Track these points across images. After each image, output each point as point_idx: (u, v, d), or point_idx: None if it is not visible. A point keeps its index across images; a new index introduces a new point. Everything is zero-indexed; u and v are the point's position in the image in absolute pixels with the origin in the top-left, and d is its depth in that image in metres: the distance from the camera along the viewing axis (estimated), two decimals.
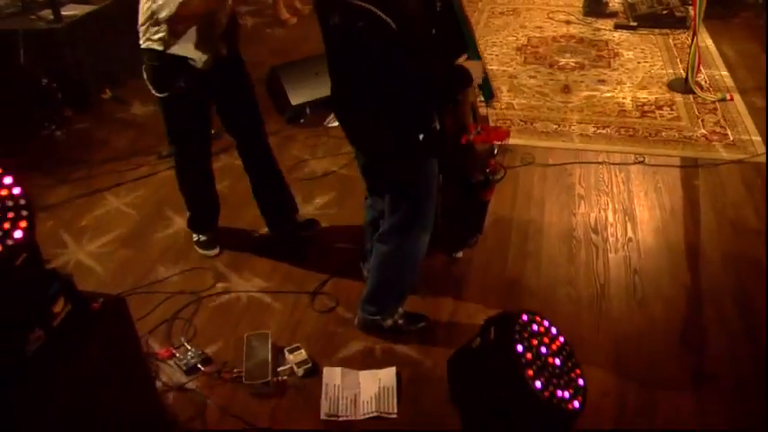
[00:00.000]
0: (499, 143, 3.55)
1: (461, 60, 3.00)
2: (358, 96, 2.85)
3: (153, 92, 3.57)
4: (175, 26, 3.30)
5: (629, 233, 4.02)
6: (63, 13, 5.84)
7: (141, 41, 3.44)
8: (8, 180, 2.22)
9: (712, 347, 3.25)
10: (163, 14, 3.24)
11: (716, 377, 3.09)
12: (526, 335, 2.35)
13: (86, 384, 2.46)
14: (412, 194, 3.04)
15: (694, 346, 3.25)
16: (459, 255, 3.88)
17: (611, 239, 3.99)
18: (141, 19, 3.41)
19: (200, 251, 4.06)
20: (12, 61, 5.39)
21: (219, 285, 3.79)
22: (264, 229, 4.18)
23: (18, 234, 2.17)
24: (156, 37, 3.36)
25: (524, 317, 2.41)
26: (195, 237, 4.10)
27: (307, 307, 3.60)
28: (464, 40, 3.09)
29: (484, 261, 3.86)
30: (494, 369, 2.32)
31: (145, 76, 3.56)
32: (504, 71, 6.17)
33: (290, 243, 4.08)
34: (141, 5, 3.38)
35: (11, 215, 2.18)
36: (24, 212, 2.22)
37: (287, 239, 4.11)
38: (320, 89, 5.30)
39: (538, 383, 2.28)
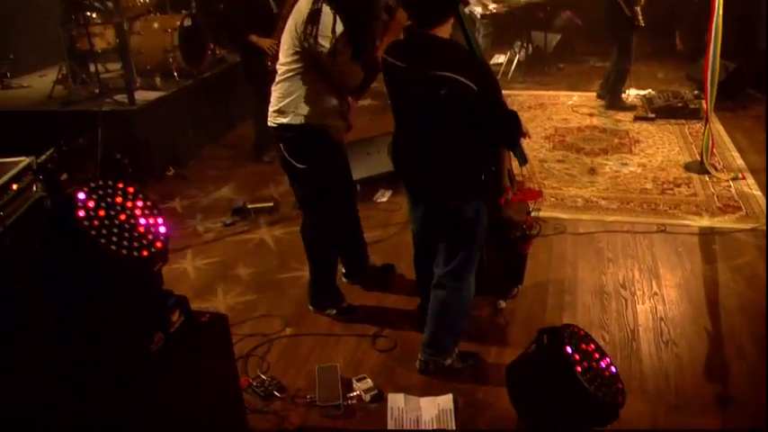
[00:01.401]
0: (533, 202, 4.09)
1: None
2: (435, 151, 3.36)
3: (293, 164, 3.97)
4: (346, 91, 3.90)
5: (654, 288, 4.47)
6: (136, 97, 6.55)
7: (285, 119, 3.88)
8: (149, 202, 2.75)
9: (734, 377, 3.65)
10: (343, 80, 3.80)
11: (738, 399, 3.49)
12: (574, 340, 2.80)
13: (192, 386, 2.89)
14: (468, 239, 3.52)
15: (717, 376, 3.66)
16: (503, 305, 4.32)
17: (638, 293, 4.43)
18: (287, 99, 3.86)
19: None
20: (91, 138, 6.01)
21: (288, 330, 4.23)
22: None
23: (159, 244, 2.67)
24: (304, 112, 3.84)
25: (571, 327, 2.86)
26: (332, 311, 4.37)
27: (369, 347, 4.03)
28: None
29: (525, 311, 4.30)
30: (548, 368, 2.76)
31: (284, 152, 3.98)
32: (534, 156, 6.72)
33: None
34: (277, 88, 3.91)
35: (153, 229, 2.69)
36: (163, 229, 2.73)
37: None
38: (370, 168, 5.91)
39: (586, 379, 2.70)
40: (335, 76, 3.79)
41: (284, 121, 3.90)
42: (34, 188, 4.12)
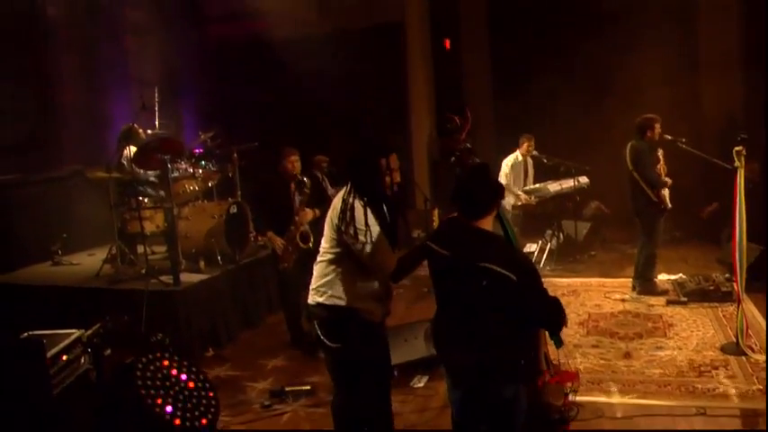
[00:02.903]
0: (570, 384, 4.14)
1: None
2: (477, 334, 3.52)
3: (326, 343, 4.09)
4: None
5: None
6: (180, 278, 6.84)
7: (320, 299, 4.05)
8: (202, 375, 2.88)
9: None
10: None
11: None
12: None
13: None
14: (508, 422, 3.58)
15: None
16: None
17: None
18: (323, 280, 4.06)
19: None
20: (136, 316, 6.22)
21: None
22: None
23: (210, 416, 2.78)
24: (338, 294, 4.01)
25: None
26: None
27: None
28: None
29: None
30: None
31: (318, 330, 4.12)
32: (569, 342, 6.73)
33: None
34: (316, 268, 4.11)
35: (204, 402, 2.81)
36: (213, 402, 2.85)
37: None
38: (407, 354, 5.98)
39: None
40: (371, 265, 3.97)
41: (319, 300, 4.07)
42: (82, 360, 4.25)
